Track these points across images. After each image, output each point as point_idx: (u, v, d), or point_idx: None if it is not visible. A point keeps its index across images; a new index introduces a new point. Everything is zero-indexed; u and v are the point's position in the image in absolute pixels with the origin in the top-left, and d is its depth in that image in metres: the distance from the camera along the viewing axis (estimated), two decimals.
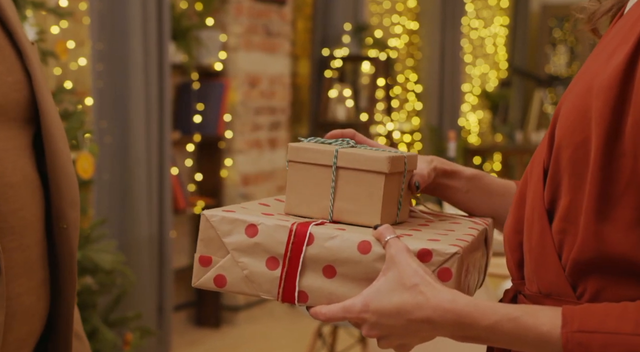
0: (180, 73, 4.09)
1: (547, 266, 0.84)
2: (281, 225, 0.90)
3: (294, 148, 0.97)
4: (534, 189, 0.88)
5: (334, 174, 0.95)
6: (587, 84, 0.81)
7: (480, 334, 0.80)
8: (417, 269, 0.83)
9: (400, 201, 0.98)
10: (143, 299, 3.44)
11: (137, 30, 3.38)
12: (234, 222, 0.91)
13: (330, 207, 0.95)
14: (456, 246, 0.86)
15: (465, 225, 1.03)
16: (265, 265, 0.90)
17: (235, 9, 4.18)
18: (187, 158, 4.19)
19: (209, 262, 0.92)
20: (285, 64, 4.62)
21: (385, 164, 0.92)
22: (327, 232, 0.89)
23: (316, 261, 0.88)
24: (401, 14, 6.41)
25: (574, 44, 8.44)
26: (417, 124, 6.58)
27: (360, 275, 0.87)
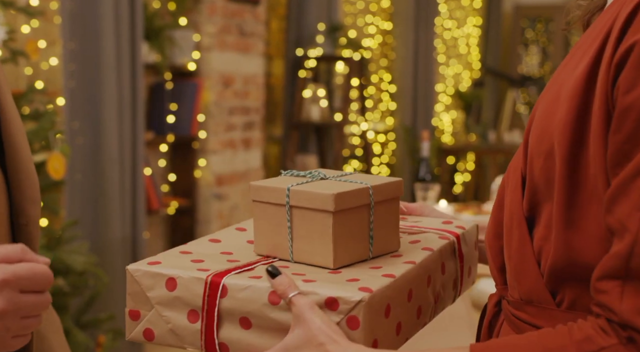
0: (154, 73, 4.07)
1: (527, 273, 0.84)
2: (197, 277, 0.88)
3: (254, 187, 0.96)
4: (511, 195, 0.87)
5: (289, 213, 0.93)
6: (555, 93, 0.82)
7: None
8: (321, 326, 0.82)
9: (372, 234, 0.94)
10: (116, 300, 3.41)
11: (109, 30, 3.35)
12: (156, 276, 0.91)
13: (290, 247, 0.93)
14: (364, 291, 0.83)
15: (422, 244, 1.00)
16: (187, 318, 0.89)
17: (208, 9, 4.17)
18: (160, 158, 4.17)
19: (138, 316, 0.92)
20: (259, 64, 4.61)
21: (331, 202, 0.89)
22: (239, 283, 0.87)
23: (231, 312, 0.87)
24: (375, 14, 6.43)
25: (546, 45, 8.52)
26: (391, 124, 6.60)
27: (274, 325, 0.85)
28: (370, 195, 0.93)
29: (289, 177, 0.98)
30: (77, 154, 3.32)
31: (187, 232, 4.22)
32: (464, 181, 7.71)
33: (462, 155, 7.62)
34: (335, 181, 0.96)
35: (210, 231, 4.27)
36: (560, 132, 0.78)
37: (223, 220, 4.36)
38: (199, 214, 4.27)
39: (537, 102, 0.88)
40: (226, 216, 4.38)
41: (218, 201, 4.31)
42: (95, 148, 3.39)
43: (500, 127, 8.03)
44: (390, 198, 0.96)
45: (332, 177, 0.98)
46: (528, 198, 0.84)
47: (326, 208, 0.89)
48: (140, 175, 3.60)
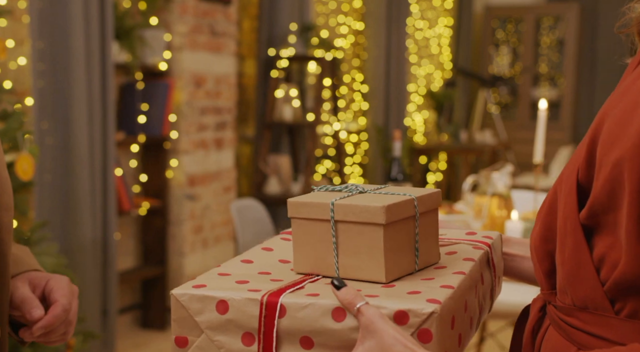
0: (124, 73, 4.04)
1: (583, 280, 0.82)
2: (251, 298, 0.85)
3: (293, 204, 0.92)
4: (565, 200, 0.85)
5: (333, 228, 0.90)
6: (632, 102, 0.80)
7: None
8: (396, 335, 0.79)
9: (417, 247, 0.92)
10: (87, 302, 3.38)
11: (78, 29, 3.32)
12: (204, 299, 0.87)
13: (336, 263, 0.90)
14: (435, 302, 0.81)
15: (460, 255, 0.98)
16: (241, 341, 0.85)
17: (179, 9, 4.15)
18: (131, 159, 4.14)
19: (186, 343, 0.88)
20: (231, 63, 4.60)
21: (381, 214, 0.86)
22: (299, 302, 0.83)
23: (291, 333, 0.84)
24: (347, 15, 6.44)
25: (517, 45, 8.59)
26: (363, 123, 6.62)
27: (338, 343, 0.82)
28: (415, 206, 0.91)
29: (325, 193, 0.95)
30: (46, 155, 3.29)
31: (158, 233, 4.20)
32: (436, 181, 7.75)
33: (434, 155, 7.66)
34: (376, 194, 0.93)
35: (183, 232, 4.25)
36: (635, 144, 0.76)
37: (195, 220, 4.34)
38: (170, 214, 4.25)
39: (604, 109, 0.85)
40: (198, 216, 4.36)
41: (190, 202, 4.29)
42: (65, 148, 3.36)
43: (472, 127, 8.09)
44: (431, 209, 0.94)
45: (370, 191, 0.95)
46: (589, 205, 0.82)
47: (376, 221, 0.87)
48: (110, 175, 3.57)
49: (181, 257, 4.27)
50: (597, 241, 0.82)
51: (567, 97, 8.27)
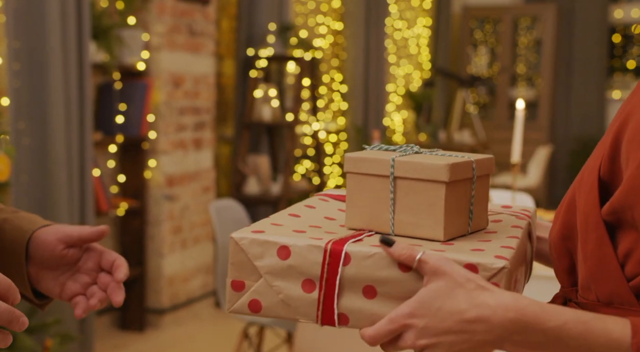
0: (102, 73, 4.01)
1: (607, 275, 0.82)
2: (315, 245, 0.84)
3: (350, 159, 0.92)
4: (586, 197, 0.85)
5: (392, 184, 0.89)
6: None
7: (543, 338, 0.75)
8: (467, 274, 0.78)
9: (472, 209, 0.92)
10: (64, 304, 3.36)
11: (55, 29, 3.30)
12: (265, 244, 0.86)
13: (391, 220, 0.90)
14: (503, 259, 0.80)
15: (507, 223, 0.98)
16: (301, 288, 0.85)
17: (157, 8, 4.13)
18: (109, 159, 4.11)
19: (242, 287, 0.88)
20: (210, 63, 4.59)
21: (445, 172, 0.86)
22: (364, 250, 0.83)
23: (355, 281, 0.83)
24: (326, 15, 6.44)
25: (495, 45, 8.64)
26: (342, 123, 6.63)
27: (403, 293, 0.82)
28: (473, 168, 0.91)
29: (380, 151, 0.95)
30: (22, 155, 3.26)
31: (137, 233, 4.17)
32: None
33: None
34: (433, 154, 0.93)
35: (161, 233, 4.23)
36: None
37: (174, 221, 4.32)
38: (149, 215, 4.23)
39: (627, 109, 0.85)
40: (177, 216, 4.35)
41: (168, 202, 4.27)
42: (41, 149, 3.33)
43: (450, 127, 8.12)
44: (485, 174, 0.94)
45: (425, 152, 0.95)
46: (612, 201, 0.81)
47: (439, 179, 0.87)
48: (88, 176, 3.54)
49: (160, 258, 4.25)
50: (621, 237, 0.82)
51: (545, 97, 8.33)
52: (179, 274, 4.40)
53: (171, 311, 4.33)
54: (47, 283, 1.06)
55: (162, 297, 4.27)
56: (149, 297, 4.25)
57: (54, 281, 1.06)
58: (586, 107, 8.25)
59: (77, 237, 1.05)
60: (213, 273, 4.70)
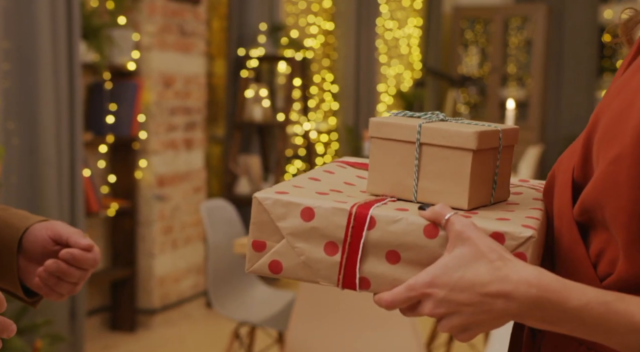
0: (92, 73, 4.00)
1: (580, 276, 0.82)
2: (339, 208, 0.83)
3: (375, 123, 0.90)
4: (560, 196, 0.86)
5: (418, 151, 0.88)
6: (629, 99, 0.80)
7: (564, 316, 0.75)
8: (491, 244, 0.77)
9: (496, 179, 0.91)
10: (54, 305, 3.35)
11: (45, 29, 3.29)
12: (288, 205, 0.85)
13: (415, 186, 0.89)
14: (530, 228, 0.80)
15: (528, 195, 0.97)
16: (324, 250, 0.84)
17: (148, 8, 4.12)
18: (99, 159, 4.10)
19: (263, 247, 0.86)
20: (201, 63, 4.58)
21: (473, 140, 0.85)
22: (389, 215, 0.82)
23: (378, 246, 0.82)
24: (317, 15, 6.44)
25: (485, 46, 8.67)
26: (333, 123, 6.63)
27: (426, 260, 0.81)
28: (500, 138, 0.90)
29: (405, 117, 0.93)
30: (12, 156, 3.25)
31: (127, 234, 4.16)
32: None
33: None
34: (459, 122, 0.92)
35: (152, 233, 4.22)
36: (634, 140, 0.76)
37: (164, 221, 4.31)
38: (140, 215, 4.22)
39: (599, 109, 0.85)
40: (168, 217, 4.34)
41: (159, 202, 4.26)
42: (31, 149, 3.32)
43: None
44: (510, 144, 0.93)
45: (451, 119, 0.93)
46: (581, 202, 0.82)
47: (467, 146, 0.85)
48: (78, 176, 3.53)
49: (151, 259, 4.24)
50: (593, 237, 0.83)
51: (535, 97, 8.36)
52: (170, 274, 4.39)
53: (162, 312, 4.32)
54: (34, 279, 1.07)
55: (153, 298, 4.26)
56: (139, 297, 4.24)
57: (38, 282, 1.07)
58: (576, 107, 8.28)
59: (65, 240, 1.06)
60: (204, 273, 4.70)
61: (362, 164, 1.05)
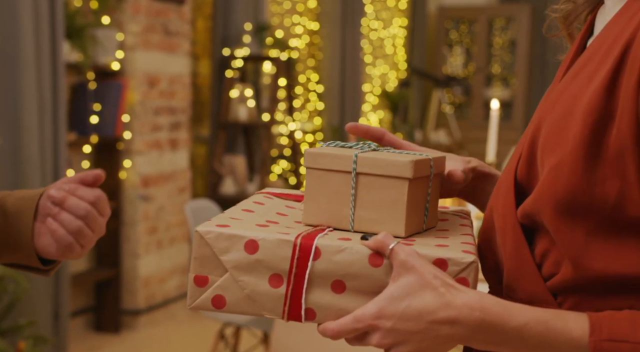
0: (76, 73, 3.98)
1: (526, 275, 0.84)
2: (284, 239, 0.83)
3: (311, 154, 0.91)
4: (504, 199, 0.87)
5: (354, 180, 0.89)
6: (568, 106, 0.81)
7: (506, 337, 0.77)
8: (435, 272, 0.79)
9: (427, 207, 0.93)
10: (38, 305, 3.33)
11: (28, 28, 3.26)
12: (232, 238, 0.84)
13: (351, 216, 0.90)
14: (470, 253, 0.82)
15: (454, 222, 0.99)
16: (268, 283, 0.84)
17: (132, 8, 4.10)
18: (84, 160, 4.08)
19: (206, 282, 0.86)
20: (185, 63, 4.57)
21: (409, 169, 0.87)
22: (334, 245, 0.83)
23: (324, 276, 0.83)
24: (302, 15, 6.44)
25: (470, 46, 8.69)
26: (319, 123, 6.63)
27: (372, 288, 0.82)
28: (431, 166, 0.92)
29: (339, 148, 0.94)
30: None
31: (112, 234, 4.14)
32: None
33: None
34: (391, 152, 0.93)
35: (137, 233, 4.20)
36: (574, 149, 0.78)
37: (149, 221, 4.30)
38: (124, 215, 4.20)
39: (541, 111, 0.87)
40: (152, 217, 4.32)
41: (144, 203, 4.24)
42: (14, 150, 3.30)
43: (427, 127, 8.16)
44: (439, 172, 0.95)
45: (382, 149, 0.95)
46: (524, 206, 0.84)
47: (403, 175, 0.87)
48: (62, 177, 3.51)
49: (135, 259, 4.22)
50: (538, 238, 0.84)
51: (519, 97, 8.40)
52: (155, 275, 4.38)
53: (147, 312, 4.31)
54: (45, 239, 1.07)
55: (138, 298, 4.24)
56: (124, 298, 4.22)
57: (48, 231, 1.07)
58: None
59: (76, 180, 1.07)
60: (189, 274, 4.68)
61: (287, 195, 1.06)
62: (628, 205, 0.77)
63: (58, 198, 1.04)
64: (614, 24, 0.83)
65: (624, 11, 0.83)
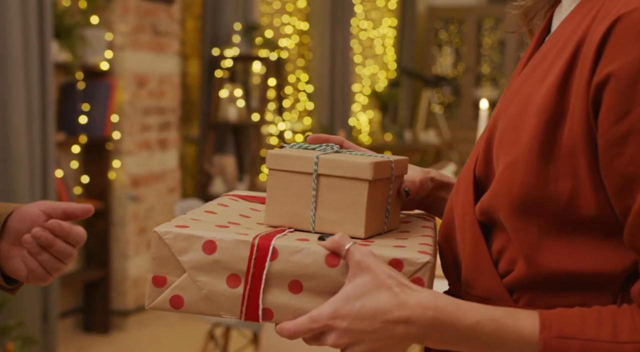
0: (64, 72, 3.97)
1: (483, 273, 0.86)
2: (242, 240, 0.84)
3: (273, 155, 0.92)
4: (463, 196, 0.89)
5: (315, 181, 0.90)
6: (522, 104, 0.83)
7: (459, 335, 0.79)
8: (390, 272, 0.80)
9: (389, 208, 0.94)
10: (26, 306, 3.31)
11: (16, 28, 3.25)
12: (190, 238, 0.85)
13: (312, 217, 0.91)
14: (426, 254, 0.84)
15: (417, 223, 1.00)
16: (226, 283, 0.85)
17: (121, 7, 4.09)
18: (72, 160, 4.06)
19: (164, 283, 0.86)
20: (175, 63, 4.56)
21: (369, 170, 0.88)
22: (291, 245, 0.84)
23: (281, 276, 0.84)
24: (291, 15, 6.44)
25: (459, 46, 8.71)
26: (308, 124, 6.63)
27: (328, 288, 0.83)
28: (392, 168, 0.93)
29: (302, 149, 0.95)
30: None
31: (101, 235, 4.13)
32: None
33: None
34: (353, 154, 0.94)
35: (126, 234, 4.19)
36: (528, 146, 0.79)
37: (139, 222, 4.29)
38: (114, 216, 4.19)
39: (498, 110, 0.88)
40: (142, 217, 4.31)
41: (133, 203, 4.23)
42: (2, 150, 3.28)
43: (416, 127, 8.17)
44: (401, 174, 0.96)
45: (345, 151, 0.96)
46: (482, 203, 0.85)
47: (363, 176, 0.88)
48: (51, 177, 3.50)
49: (125, 260, 4.21)
50: (495, 235, 0.86)
51: None
52: (144, 275, 4.37)
53: (136, 313, 4.30)
54: (16, 262, 1.04)
55: (127, 299, 4.23)
56: (113, 299, 4.21)
57: (22, 261, 1.04)
58: None
59: (61, 210, 1.04)
60: None
61: (254, 197, 1.08)
62: (580, 203, 0.78)
63: (45, 241, 1.01)
64: (568, 22, 0.85)
65: (578, 10, 0.84)
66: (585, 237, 0.79)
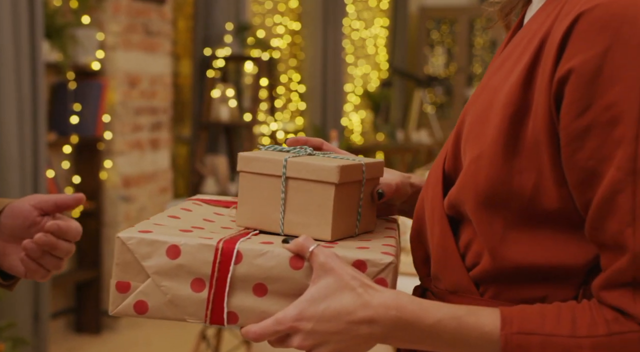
0: (56, 72, 3.95)
1: (451, 266, 0.87)
2: (206, 244, 0.85)
3: (243, 158, 0.93)
4: (433, 191, 0.90)
5: (284, 184, 0.91)
6: (489, 99, 0.84)
7: (422, 334, 0.80)
8: (353, 273, 0.81)
9: (360, 211, 0.95)
10: (17, 307, 3.30)
11: (6, 27, 3.24)
12: (153, 243, 0.85)
13: (281, 219, 0.92)
14: (389, 255, 0.85)
15: (380, 225, 1.01)
16: (190, 287, 0.85)
17: (112, 7, 4.08)
18: (64, 160, 4.05)
19: (128, 288, 0.86)
20: (166, 63, 4.55)
21: (335, 174, 0.88)
22: (255, 249, 0.84)
23: (245, 279, 0.84)
24: (283, 15, 6.44)
25: (451, 46, 8.73)
26: (300, 124, 6.63)
27: (293, 291, 0.84)
28: (363, 172, 0.93)
29: (274, 151, 0.97)
30: None
31: (93, 235, 4.12)
32: None
33: (371, 155, 7.72)
34: (325, 156, 0.95)
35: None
36: (493, 141, 0.81)
37: (130, 222, 4.28)
38: (105, 216, 4.18)
39: (467, 105, 0.90)
40: (134, 218, 4.30)
41: (125, 203, 4.22)
42: None
43: (408, 127, 8.18)
44: (374, 177, 0.97)
45: (318, 154, 0.97)
46: (449, 196, 0.87)
47: (330, 180, 0.89)
48: (42, 177, 3.49)
49: None
50: (462, 229, 0.87)
51: None
52: None
53: None
54: (12, 259, 1.04)
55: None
56: (105, 299, 4.20)
57: (21, 262, 1.04)
58: None
59: (53, 203, 1.03)
60: None
61: (217, 201, 1.08)
62: (543, 197, 0.79)
63: (48, 245, 1.01)
64: (535, 19, 0.86)
65: (545, 7, 0.85)
66: (549, 231, 0.80)
